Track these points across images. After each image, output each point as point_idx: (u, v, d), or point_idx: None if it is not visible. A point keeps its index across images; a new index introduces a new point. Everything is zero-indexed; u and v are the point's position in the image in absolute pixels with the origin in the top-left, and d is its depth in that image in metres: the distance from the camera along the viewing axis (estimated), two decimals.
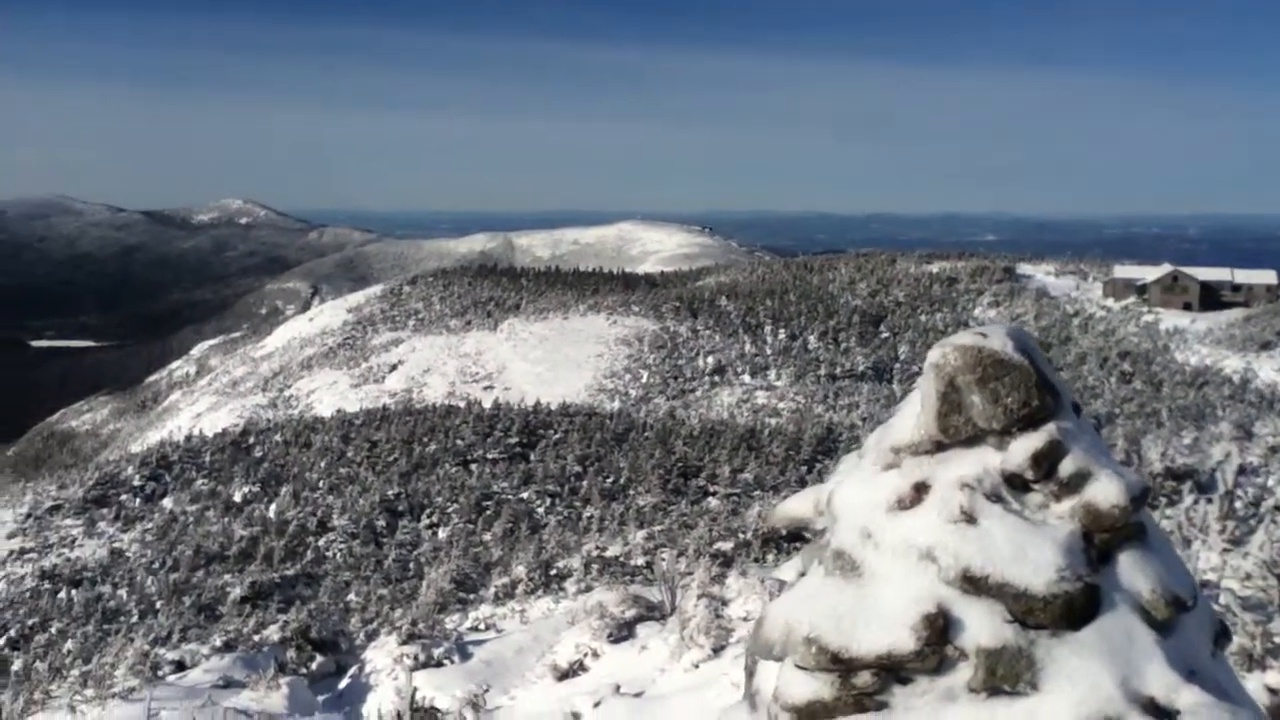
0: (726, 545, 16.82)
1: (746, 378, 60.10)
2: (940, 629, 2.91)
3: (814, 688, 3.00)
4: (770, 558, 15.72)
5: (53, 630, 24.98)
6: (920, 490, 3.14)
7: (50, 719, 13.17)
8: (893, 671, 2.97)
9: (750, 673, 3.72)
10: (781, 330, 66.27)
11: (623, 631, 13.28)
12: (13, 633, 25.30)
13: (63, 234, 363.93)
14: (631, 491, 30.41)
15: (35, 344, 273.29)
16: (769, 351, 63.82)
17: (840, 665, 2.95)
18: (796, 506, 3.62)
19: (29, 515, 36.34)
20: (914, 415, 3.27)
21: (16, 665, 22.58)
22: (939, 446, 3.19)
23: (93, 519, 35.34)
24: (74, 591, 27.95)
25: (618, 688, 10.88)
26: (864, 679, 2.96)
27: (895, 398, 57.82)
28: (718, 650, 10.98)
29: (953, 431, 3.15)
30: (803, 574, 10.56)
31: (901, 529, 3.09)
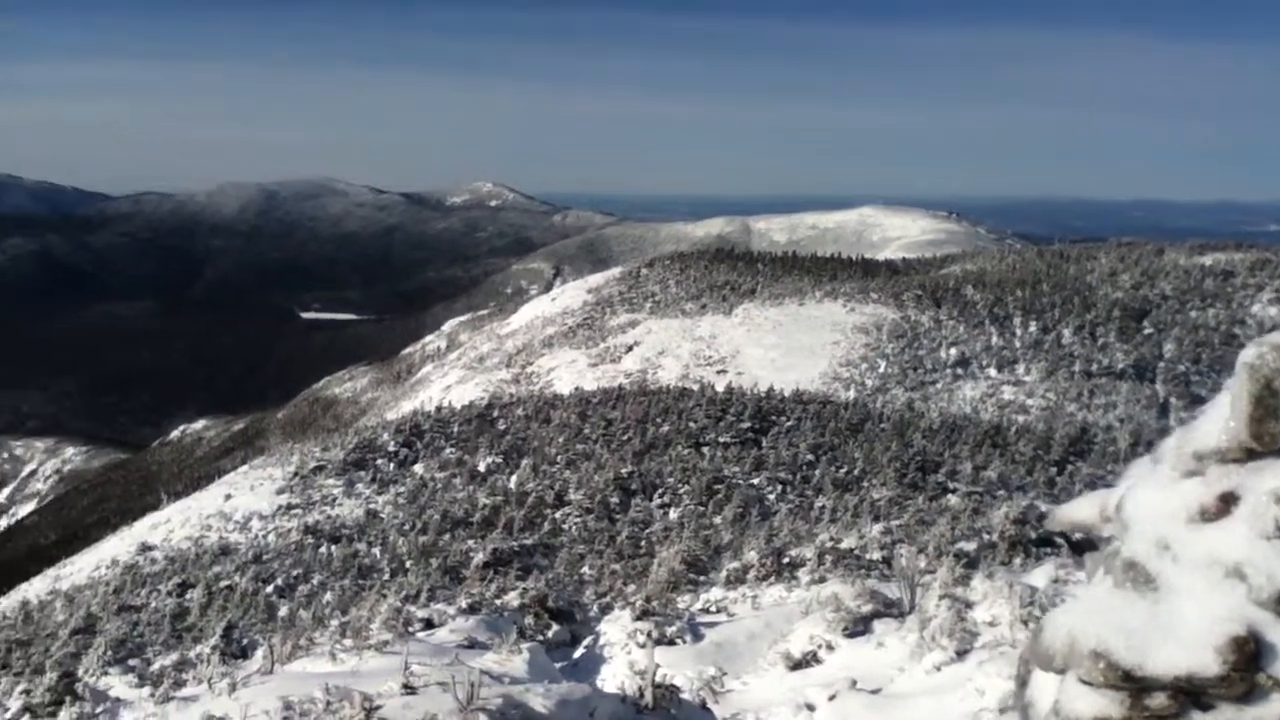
0: (969, 545, 16.19)
1: (992, 371, 57.76)
2: (1250, 654, 2.64)
3: (1100, 705, 2.79)
4: (1017, 562, 15.02)
5: (314, 582, 26.82)
6: (1227, 501, 2.86)
7: (313, 664, 13.94)
8: (1191, 695, 2.72)
9: (1023, 682, 3.51)
10: (1032, 322, 63.23)
11: (858, 626, 12.99)
12: (280, 581, 27.29)
13: (330, 214, 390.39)
14: (866, 483, 29.80)
15: (304, 315, 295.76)
16: (1018, 345, 61.05)
17: (1132, 684, 2.73)
18: (1080, 511, 3.39)
19: (295, 474, 39.12)
20: (1221, 419, 2.98)
21: (283, 612, 24.37)
22: (1251, 454, 2.90)
23: (351, 480, 37.64)
24: (333, 547, 29.83)
25: (854, 682, 10.64)
26: (1159, 701, 2.73)
27: (1158, 398, 54.19)
28: (961, 654, 10.56)
29: (1268, 439, 2.85)
30: (1055, 580, 9.97)
31: (1204, 542, 2.82)
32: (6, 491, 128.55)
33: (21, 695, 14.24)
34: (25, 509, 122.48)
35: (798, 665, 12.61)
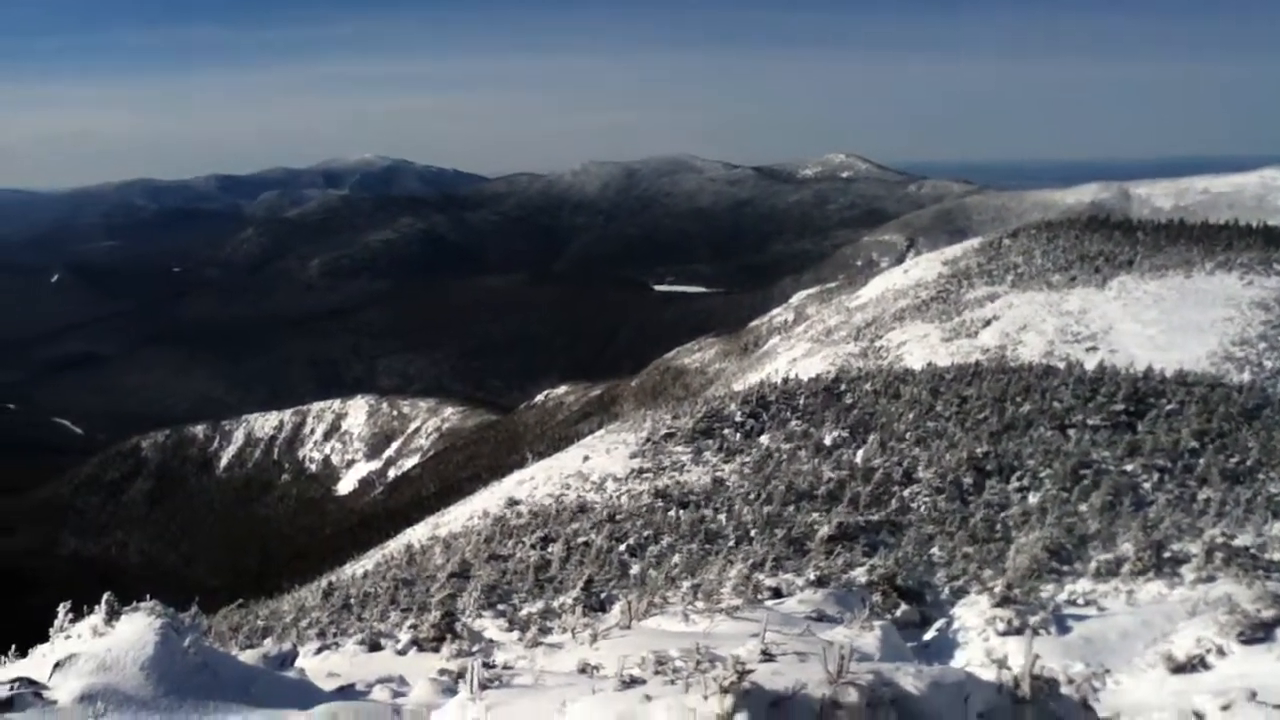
0: None
1: None
2: None
3: None
4: None
5: (664, 543, 27.61)
6: None
7: (667, 623, 14.20)
8: None
9: None
10: None
11: (1256, 632, 11.50)
12: (632, 541, 28.34)
13: (684, 189, 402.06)
14: (1261, 476, 26.58)
15: (658, 288, 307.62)
16: None
17: None
18: None
19: (648, 439, 40.42)
20: None
21: (634, 570, 25.27)
22: None
23: (699, 448, 38.38)
24: (682, 512, 30.53)
25: (1253, 694, 9.42)
26: None
27: None
28: None
29: None
30: None
31: None
32: (395, 445, 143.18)
33: (410, 629, 15.60)
34: (410, 462, 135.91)
35: (1180, 669, 11.39)
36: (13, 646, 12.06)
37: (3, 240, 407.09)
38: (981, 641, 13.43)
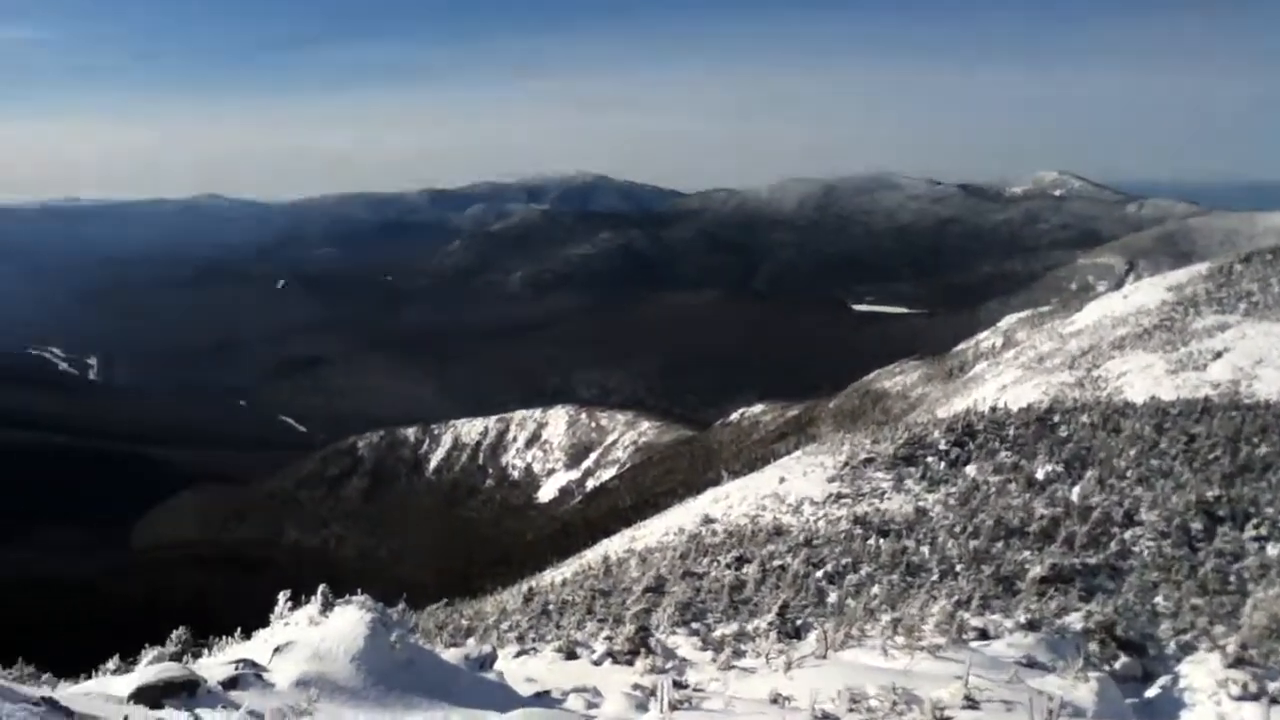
0: None
1: None
2: None
3: None
4: None
5: (862, 572, 26.88)
6: None
7: (865, 656, 13.81)
8: None
9: None
10: None
11: None
12: (829, 568, 27.73)
13: (885, 207, 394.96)
14: None
15: (856, 308, 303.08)
16: None
17: None
18: None
19: (846, 464, 39.62)
20: None
21: (831, 598, 24.72)
22: None
23: (900, 476, 37.33)
24: (881, 540, 29.70)
25: None
26: None
27: None
28: None
29: None
30: None
31: None
32: (593, 456, 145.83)
33: (605, 640, 15.74)
34: (607, 473, 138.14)
35: None
36: (238, 629, 12.90)
37: (235, 248, 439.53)
38: (1213, 705, 12.42)
